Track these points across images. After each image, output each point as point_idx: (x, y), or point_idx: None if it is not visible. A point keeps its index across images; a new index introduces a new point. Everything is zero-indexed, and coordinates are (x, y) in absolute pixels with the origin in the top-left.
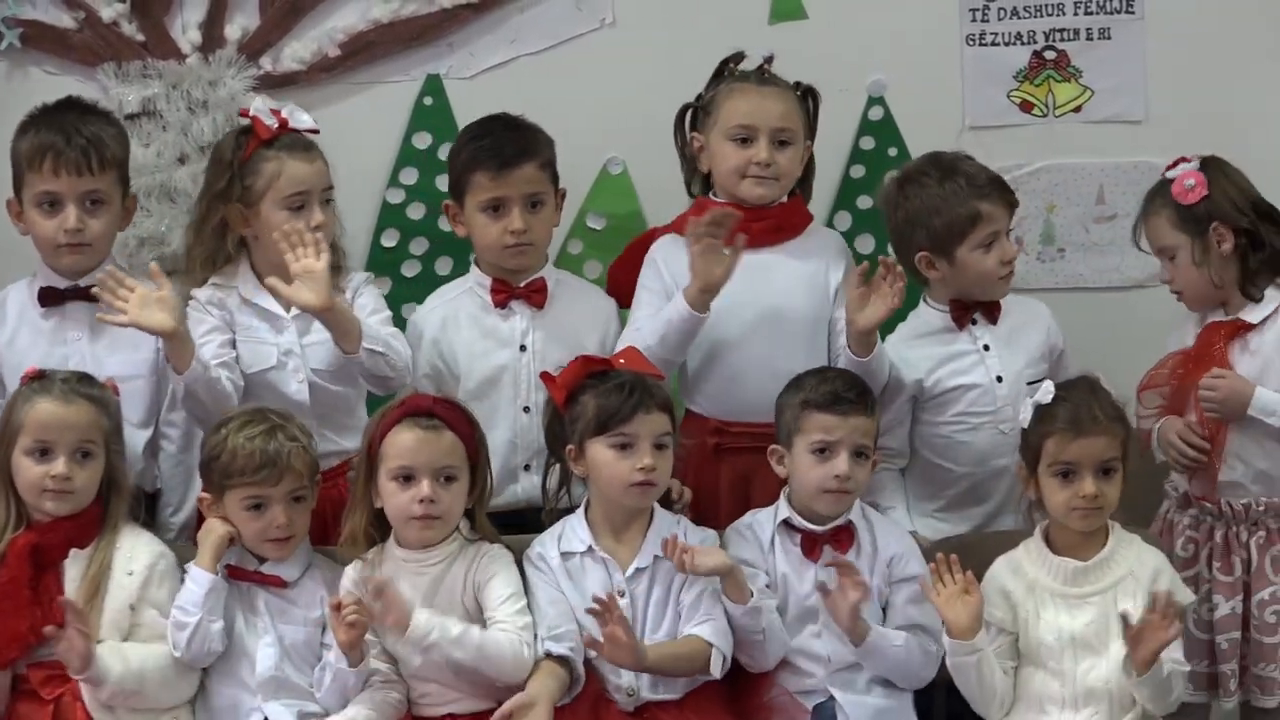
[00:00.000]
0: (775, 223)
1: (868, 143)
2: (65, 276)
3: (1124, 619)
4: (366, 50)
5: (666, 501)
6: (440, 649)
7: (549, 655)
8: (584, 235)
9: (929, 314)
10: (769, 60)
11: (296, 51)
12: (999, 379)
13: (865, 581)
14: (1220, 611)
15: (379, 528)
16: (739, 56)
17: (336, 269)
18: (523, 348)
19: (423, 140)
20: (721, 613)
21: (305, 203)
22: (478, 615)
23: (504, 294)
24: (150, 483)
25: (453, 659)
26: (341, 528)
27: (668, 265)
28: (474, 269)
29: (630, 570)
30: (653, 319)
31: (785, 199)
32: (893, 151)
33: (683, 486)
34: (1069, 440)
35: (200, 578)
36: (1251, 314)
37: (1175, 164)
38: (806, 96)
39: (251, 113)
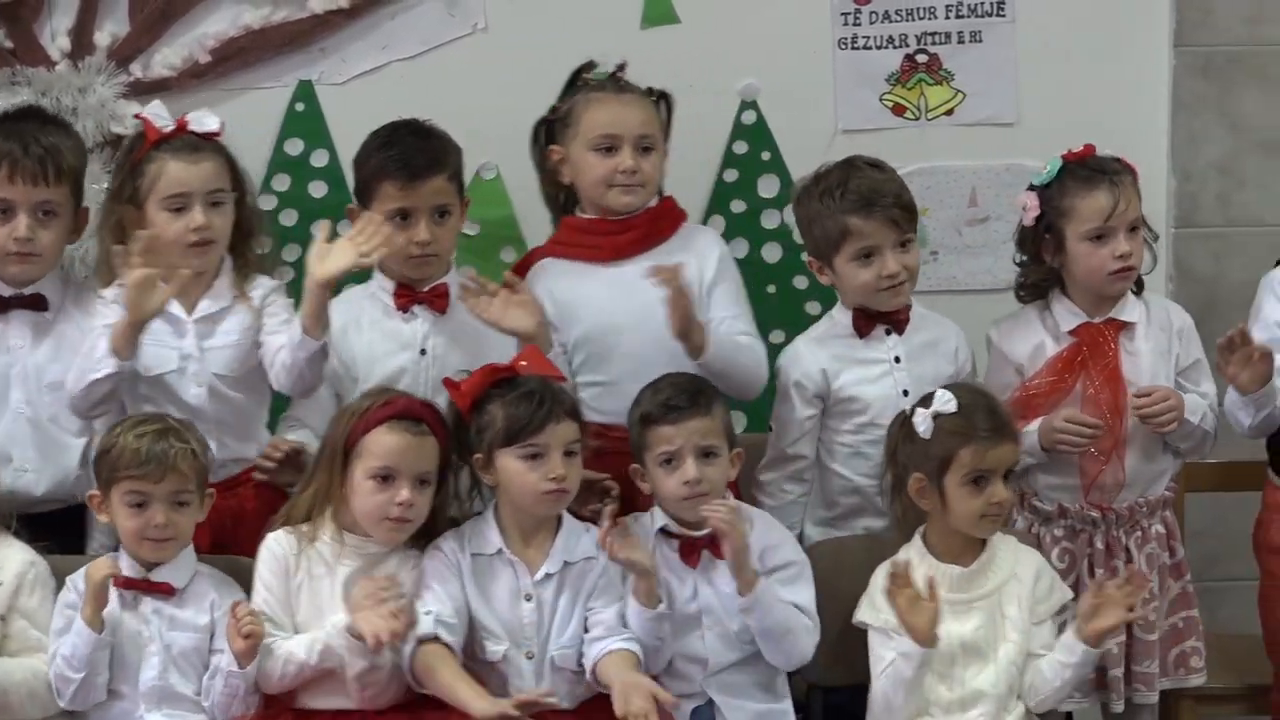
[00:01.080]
0: (643, 231)
1: (740, 147)
2: (10, 285)
3: (1096, 586)
4: (238, 56)
5: (584, 499)
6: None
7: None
8: (458, 241)
9: (842, 318)
10: (622, 68)
11: (167, 58)
12: (905, 393)
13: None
14: (1136, 614)
15: (324, 513)
16: (590, 66)
17: (247, 268)
18: (423, 351)
19: (294, 146)
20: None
21: (186, 205)
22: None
23: (406, 298)
24: (84, 491)
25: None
26: (291, 509)
27: (549, 294)
28: (376, 273)
29: (539, 575)
30: None
31: (654, 203)
32: (765, 156)
33: (607, 480)
34: (986, 449)
35: (84, 635)
36: (1131, 313)
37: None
38: (661, 101)
39: (144, 114)
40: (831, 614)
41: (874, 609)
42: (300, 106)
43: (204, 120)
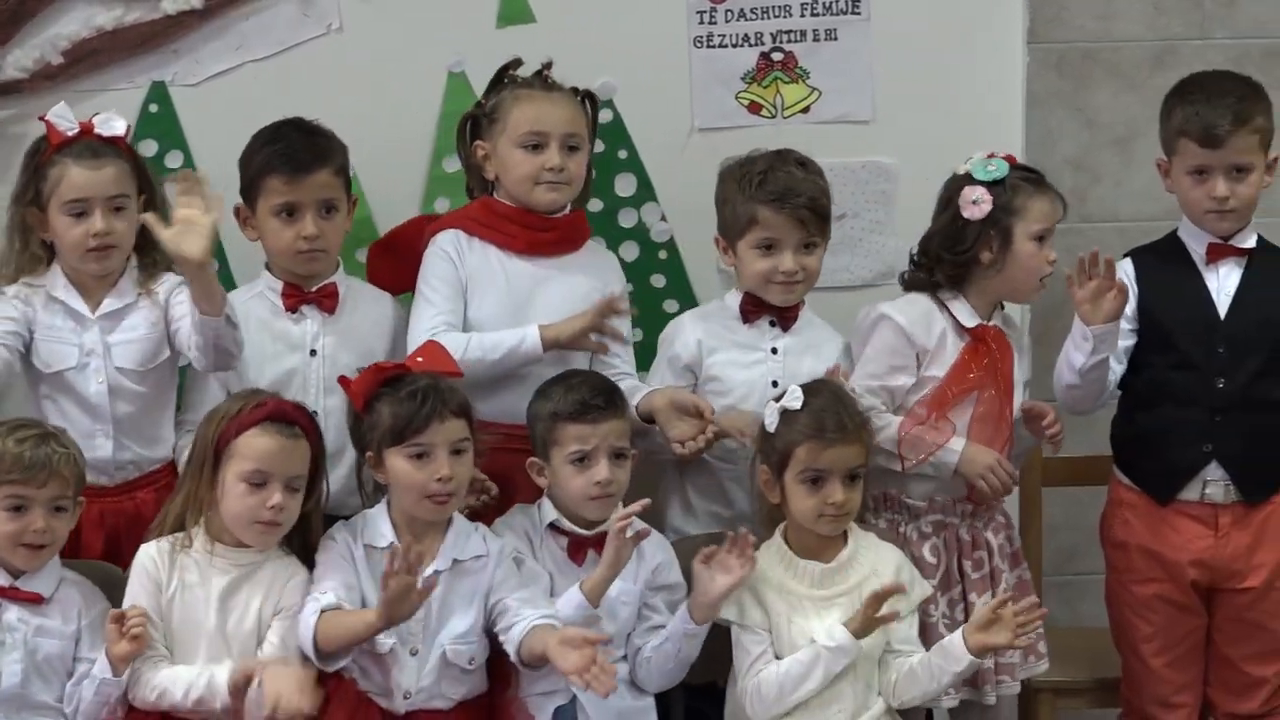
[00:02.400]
0: (561, 234)
1: (597, 145)
2: None
3: (996, 602)
4: (91, 58)
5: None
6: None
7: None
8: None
9: (731, 301)
10: (548, 66)
11: (19, 59)
12: (774, 384)
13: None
14: (977, 608)
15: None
16: (517, 63)
17: (154, 267)
18: (313, 352)
19: (148, 148)
20: (539, 597)
21: (86, 210)
22: (266, 626)
23: (295, 298)
24: None
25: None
26: (164, 517)
27: (461, 258)
28: (265, 273)
29: (429, 571)
30: (490, 337)
31: (569, 210)
32: (623, 154)
33: (488, 481)
34: (821, 449)
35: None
36: (1002, 321)
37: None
38: (586, 101)
39: (48, 117)
40: None
41: (738, 607)
42: (154, 108)
43: (110, 123)
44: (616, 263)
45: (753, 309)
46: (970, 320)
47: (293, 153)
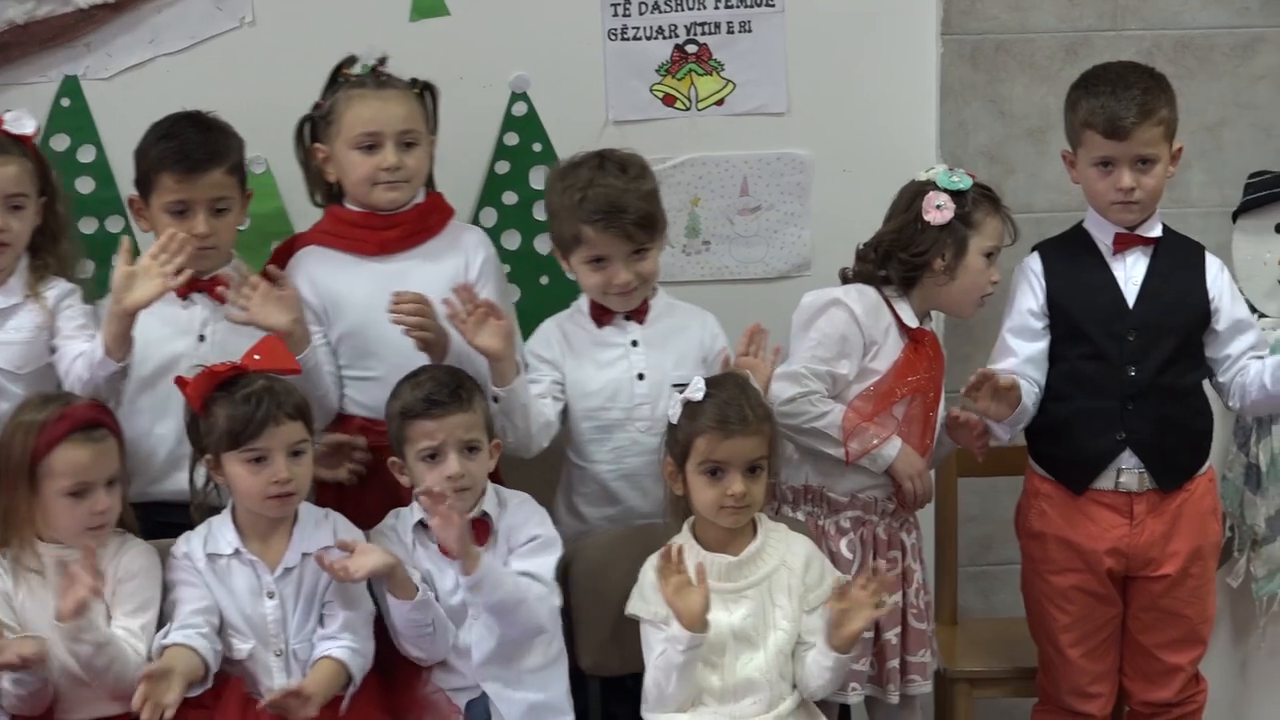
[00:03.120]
0: (410, 228)
1: (512, 139)
2: None
3: (840, 592)
4: (2, 52)
5: (336, 461)
6: (92, 632)
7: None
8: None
9: (584, 304)
10: (382, 61)
11: None
12: (640, 376)
13: (453, 514)
14: (887, 606)
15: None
16: (351, 61)
17: (45, 269)
18: (201, 337)
19: (60, 142)
20: (357, 623)
21: None
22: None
23: (186, 285)
24: None
25: (83, 651)
26: None
27: (313, 284)
28: None
29: (279, 571)
30: None
31: (422, 198)
32: (537, 147)
33: (356, 439)
34: (719, 440)
35: None
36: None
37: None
38: (424, 93)
39: None
40: (604, 605)
41: (644, 601)
42: (66, 102)
43: (20, 121)
44: (480, 236)
45: (604, 312)
46: (912, 321)
47: (187, 151)
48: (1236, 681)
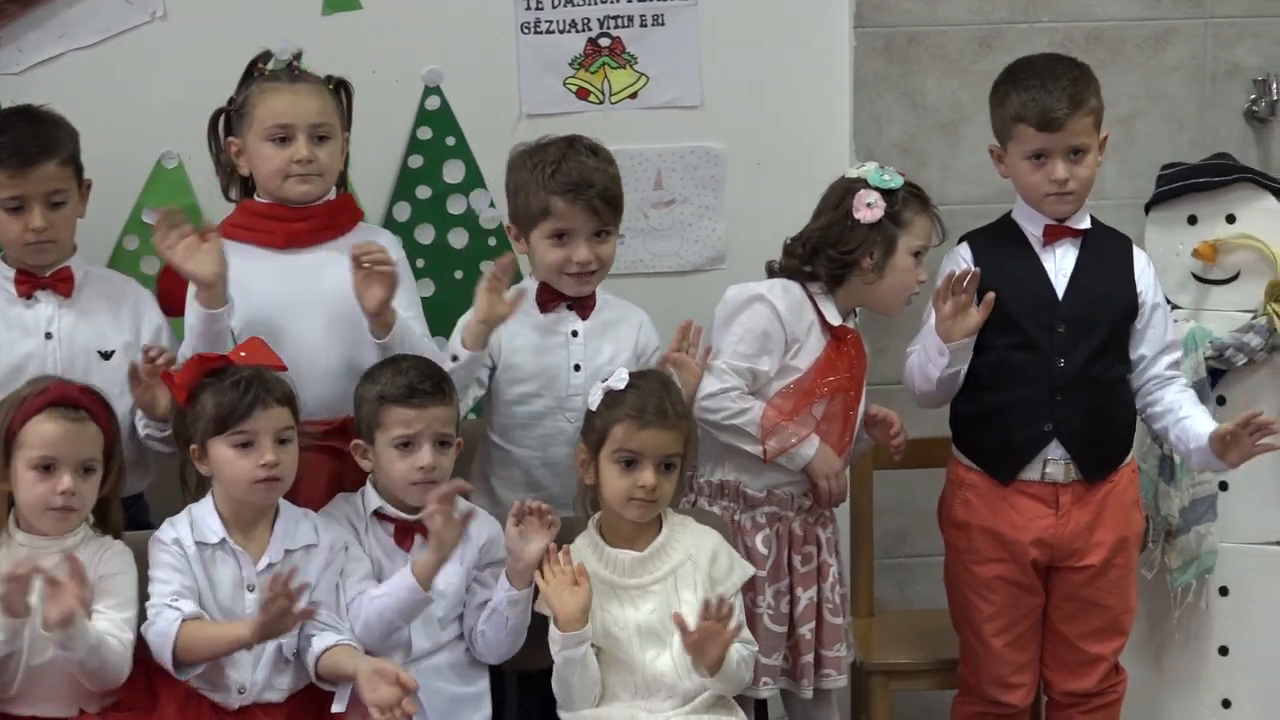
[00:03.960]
0: (320, 222)
1: (425, 133)
2: None
3: (681, 627)
4: None
5: None
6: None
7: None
8: (140, 230)
9: (529, 287)
10: (298, 56)
11: None
12: (576, 367)
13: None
14: (801, 603)
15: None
16: (267, 56)
17: None
18: (49, 335)
19: None
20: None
21: None
22: (90, 600)
23: (29, 284)
24: None
25: (77, 655)
26: None
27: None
28: None
29: (263, 564)
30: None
31: (334, 196)
32: (450, 141)
33: None
34: (636, 430)
35: None
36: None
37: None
38: (339, 89)
39: None
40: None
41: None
42: None
43: None
44: (391, 238)
45: (549, 298)
46: (835, 319)
47: (18, 146)
48: (1152, 671)
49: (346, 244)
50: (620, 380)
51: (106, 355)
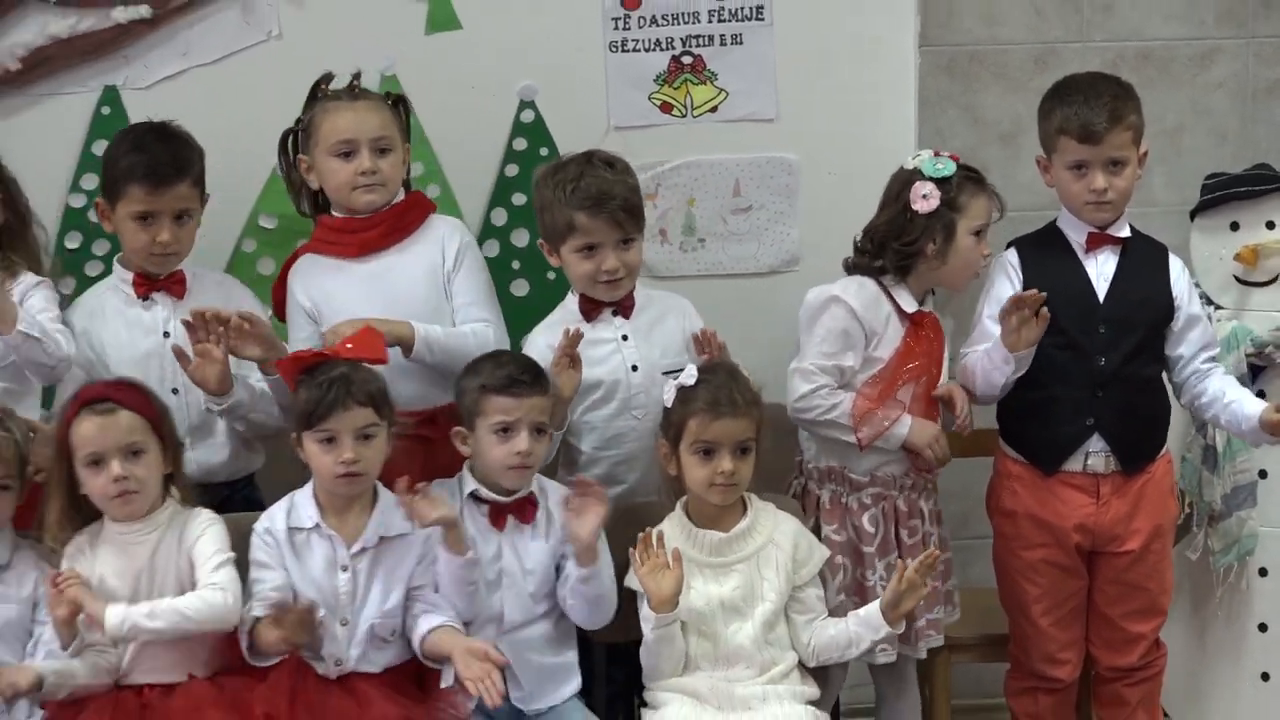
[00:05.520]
0: (388, 226)
1: (520, 143)
2: None
3: (900, 570)
4: (46, 64)
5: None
6: (140, 629)
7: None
8: (257, 234)
9: (571, 303)
10: (357, 76)
11: None
12: (634, 368)
13: (603, 494)
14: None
15: (81, 510)
16: (329, 77)
17: (12, 265)
18: (166, 334)
19: (101, 148)
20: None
21: None
22: (191, 575)
23: (146, 287)
24: None
25: (157, 630)
26: (45, 518)
27: (305, 290)
28: (116, 266)
29: (355, 548)
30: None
31: (402, 196)
32: (544, 151)
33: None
34: (710, 421)
35: None
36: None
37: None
38: (397, 105)
39: None
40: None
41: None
42: (106, 110)
43: None
44: (454, 224)
45: (592, 306)
46: (910, 306)
47: (155, 166)
48: (1196, 647)
49: (413, 241)
50: (690, 377)
51: None
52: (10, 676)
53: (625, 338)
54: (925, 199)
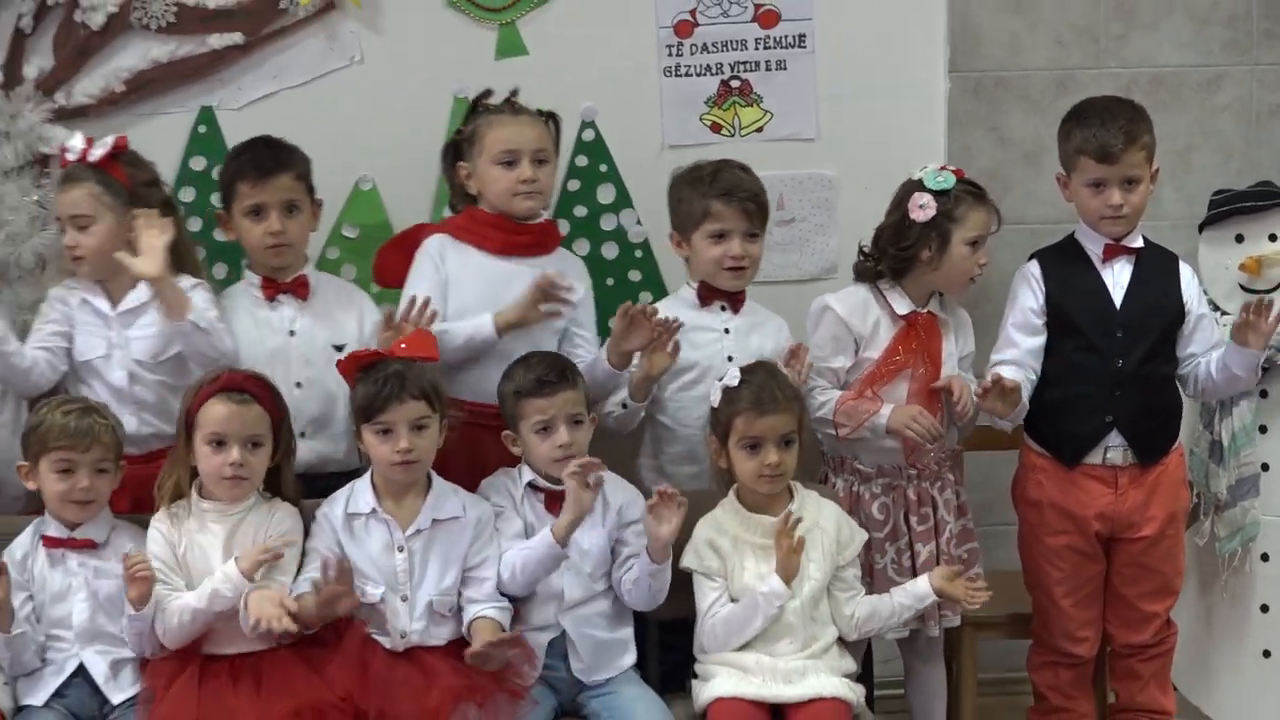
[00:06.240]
0: (533, 238)
1: (582, 160)
2: None
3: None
4: (148, 86)
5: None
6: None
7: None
8: (340, 243)
9: (686, 291)
10: (515, 93)
11: (86, 88)
12: (730, 358)
13: (683, 500)
14: (922, 556)
15: (189, 482)
16: (488, 93)
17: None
18: (291, 333)
19: (198, 164)
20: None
21: (62, 225)
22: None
23: (273, 289)
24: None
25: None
26: (162, 481)
27: (442, 260)
28: (246, 270)
29: (410, 530)
30: (453, 328)
31: (544, 218)
32: (603, 168)
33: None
34: (755, 418)
35: None
36: (939, 309)
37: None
38: (550, 121)
39: (65, 144)
40: None
41: (697, 556)
42: (202, 129)
43: (94, 149)
44: (582, 265)
45: (707, 295)
46: (903, 308)
47: (259, 161)
48: (1203, 627)
49: (544, 262)
50: (734, 378)
51: (339, 348)
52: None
53: (727, 331)
54: (922, 209)
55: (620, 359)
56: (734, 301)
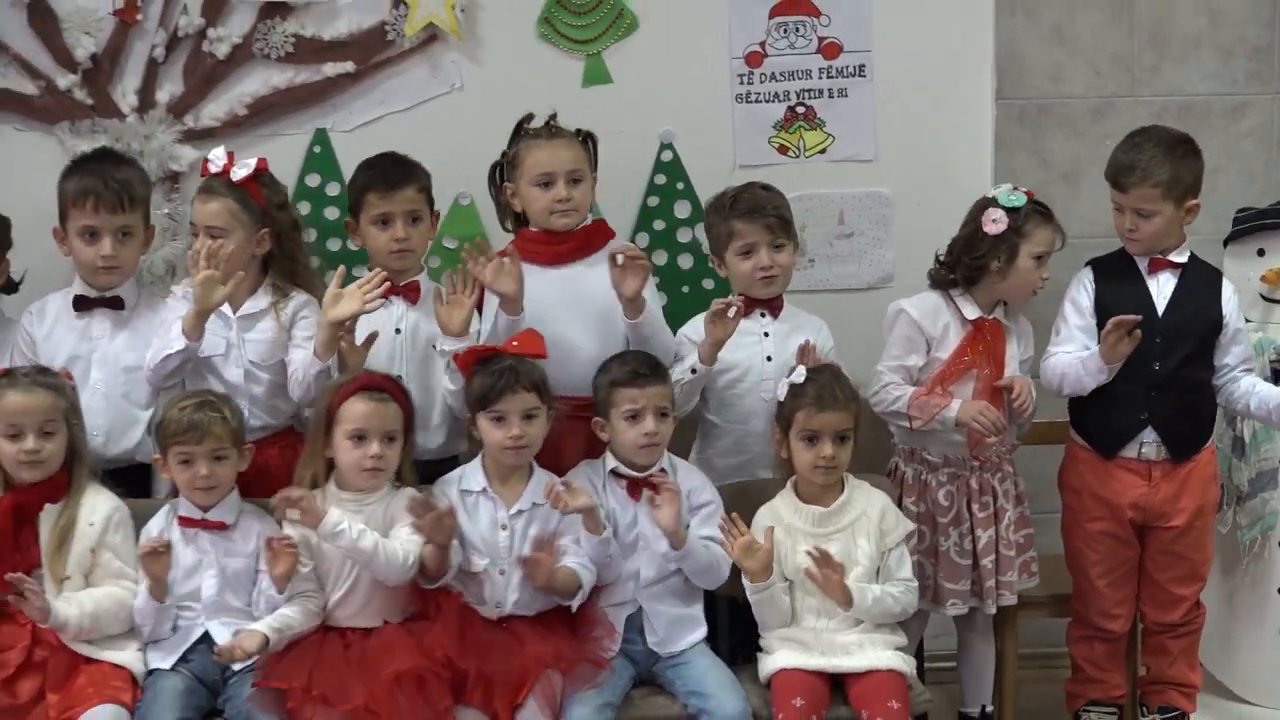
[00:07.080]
0: (578, 244)
1: (660, 179)
2: (98, 290)
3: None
4: (268, 110)
5: None
6: (344, 538)
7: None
8: (441, 253)
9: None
10: (553, 117)
11: (213, 111)
12: (769, 359)
13: (675, 489)
14: (982, 541)
15: (325, 474)
16: (529, 117)
17: (284, 281)
18: (398, 330)
19: (313, 180)
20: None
21: (197, 234)
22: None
23: (387, 291)
24: (147, 455)
25: (353, 548)
26: (299, 473)
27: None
28: (366, 273)
29: (513, 510)
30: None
31: (590, 222)
32: (680, 185)
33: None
34: (815, 413)
35: (147, 603)
36: (1004, 317)
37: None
38: (586, 140)
39: (208, 157)
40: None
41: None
42: (317, 149)
43: (235, 168)
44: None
45: (749, 303)
46: (972, 313)
47: (386, 174)
48: (1225, 608)
49: (599, 256)
50: (800, 376)
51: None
52: (243, 644)
53: (767, 334)
54: (994, 223)
55: (709, 352)
56: (772, 308)
